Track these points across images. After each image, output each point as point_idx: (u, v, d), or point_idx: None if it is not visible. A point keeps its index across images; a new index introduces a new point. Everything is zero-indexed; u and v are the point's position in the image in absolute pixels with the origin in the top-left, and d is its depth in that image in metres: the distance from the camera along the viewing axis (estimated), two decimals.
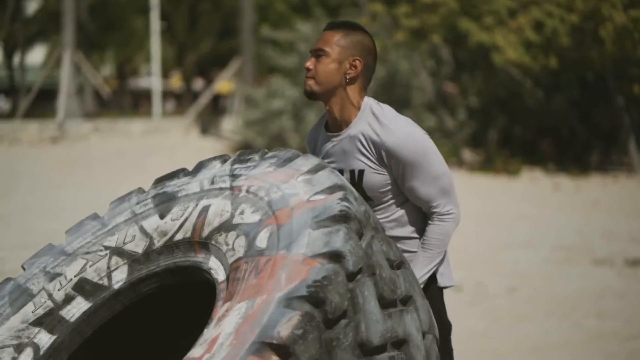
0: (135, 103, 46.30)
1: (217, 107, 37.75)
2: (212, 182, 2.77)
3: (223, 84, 33.40)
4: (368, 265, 2.45)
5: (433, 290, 3.10)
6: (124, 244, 2.82)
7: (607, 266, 8.40)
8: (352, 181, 2.95)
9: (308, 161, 2.66)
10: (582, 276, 7.99)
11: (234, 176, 2.74)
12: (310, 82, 2.94)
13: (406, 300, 2.61)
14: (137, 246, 2.80)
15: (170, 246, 2.73)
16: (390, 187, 2.97)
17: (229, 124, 23.76)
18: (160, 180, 2.93)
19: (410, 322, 2.58)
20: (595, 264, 8.51)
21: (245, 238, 2.52)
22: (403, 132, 2.92)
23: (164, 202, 2.83)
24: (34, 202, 13.44)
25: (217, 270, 2.57)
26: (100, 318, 2.80)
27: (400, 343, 2.52)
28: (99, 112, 33.75)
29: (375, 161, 2.92)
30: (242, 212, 2.60)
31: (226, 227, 2.60)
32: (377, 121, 2.95)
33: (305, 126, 18.61)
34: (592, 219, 11.38)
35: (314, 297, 2.26)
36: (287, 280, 2.31)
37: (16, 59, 37.89)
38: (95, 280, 2.81)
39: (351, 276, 2.37)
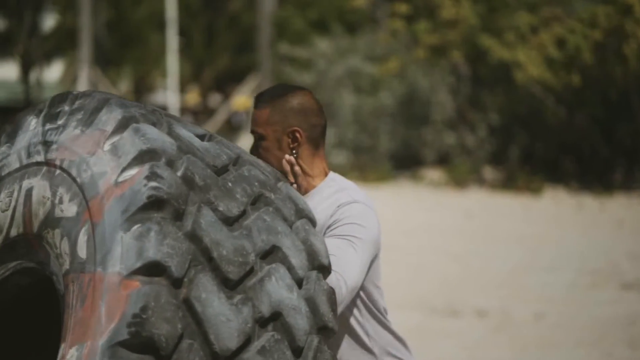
0: None
1: (232, 124, 37.68)
2: (29, 154, 2.36)
3: (239, 100, 33.34)
4: (202, 250, 2.06)
5: None
6: None
7: (636, 291, 8.14)
8: None
9: (112, 114, 2.22)
10: (610, 301, 7.73)
11: (46, 144, 2.33)
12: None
13: (267, 254, 2.17)
14: None
15: (11, 244, 2.37)
16: None
17: (247, 141, 23.64)
18: None
19: (277, 284, 2.14)
20: (624, 288, 8.25)
21: (68, 241, 2.17)
22: (355, 201, 2.56)
23: None
24: None
25: (58, 279, 2.21)
26: None
27: (270, 319, 2.12)
28: None
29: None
30: (61, 201, 2.23)
31: (51, 221, 2.24)
32: (336, 189, 2.61)
33: None
34: (618, 240, 11.11)
35: (138, 339, 1.93)
36: (107, 316, 1.99)
37: (34, 76, 38.00)
38: None
39: (178, 283, 2.00)
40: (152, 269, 2.00)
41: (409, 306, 7.38)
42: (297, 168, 2.54)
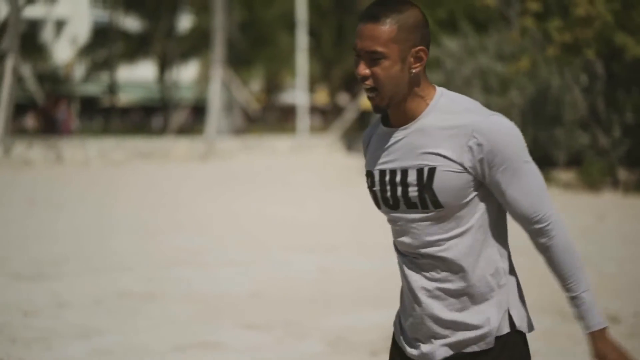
0: (282, 118, 47.00)
1: (364, 124, 37.84)
2: None
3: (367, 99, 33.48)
4: None
5: (513, 339, 2.44)
6: None
7: None
8: (420, 183, 2.37)
9: None
10: None
11: None
12: (376, 99, 2.38)
13: None
14: None
15: None
16: (471, 193, 2.38)
17: None
18: None
19: None
20: None
21: None
22: (492, 117, 2.35)
23: None
24: (183, 217, 13.68)
25: None
26: None
27: None
28: (248, 127, 34.37)
29: (451, 155, 2.34)
30: None
31: None
32: (457, 104, 2.38)
33: None
34: None
35: None
36: None
37: (169, 76, 39.09)
38: None
39: None
40: None
41: (539, 310, 7.29)
42: None
